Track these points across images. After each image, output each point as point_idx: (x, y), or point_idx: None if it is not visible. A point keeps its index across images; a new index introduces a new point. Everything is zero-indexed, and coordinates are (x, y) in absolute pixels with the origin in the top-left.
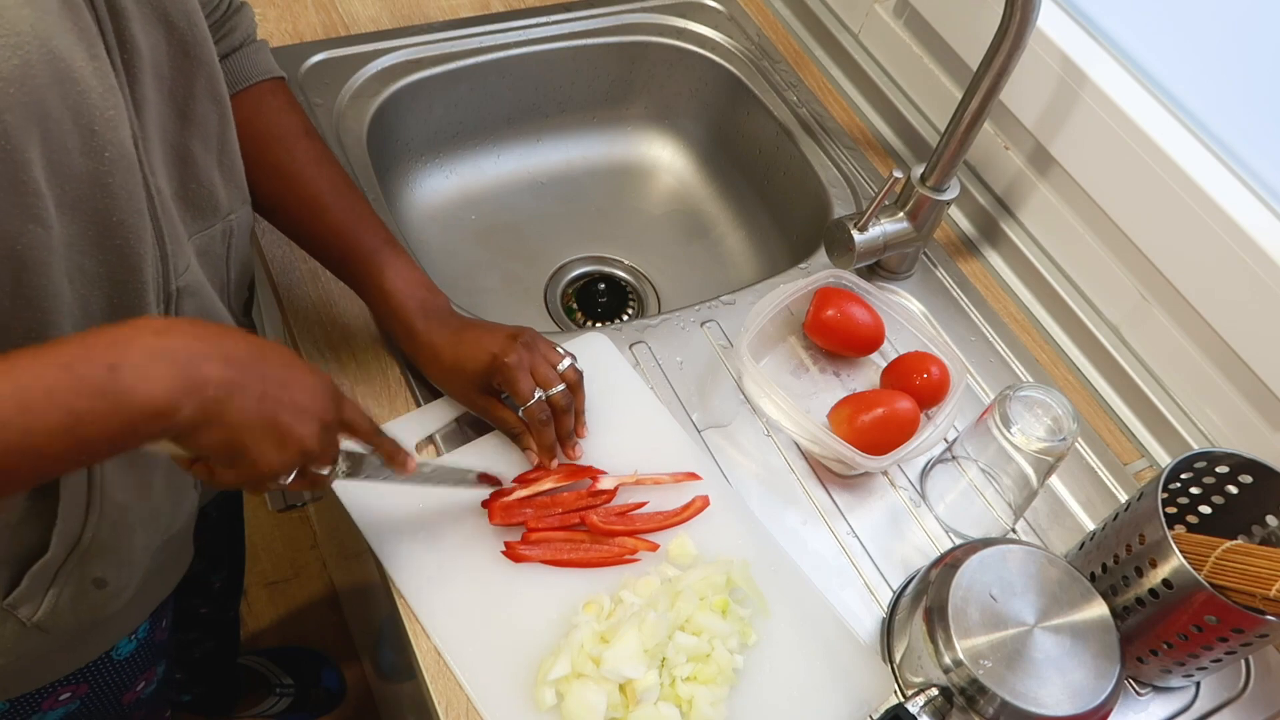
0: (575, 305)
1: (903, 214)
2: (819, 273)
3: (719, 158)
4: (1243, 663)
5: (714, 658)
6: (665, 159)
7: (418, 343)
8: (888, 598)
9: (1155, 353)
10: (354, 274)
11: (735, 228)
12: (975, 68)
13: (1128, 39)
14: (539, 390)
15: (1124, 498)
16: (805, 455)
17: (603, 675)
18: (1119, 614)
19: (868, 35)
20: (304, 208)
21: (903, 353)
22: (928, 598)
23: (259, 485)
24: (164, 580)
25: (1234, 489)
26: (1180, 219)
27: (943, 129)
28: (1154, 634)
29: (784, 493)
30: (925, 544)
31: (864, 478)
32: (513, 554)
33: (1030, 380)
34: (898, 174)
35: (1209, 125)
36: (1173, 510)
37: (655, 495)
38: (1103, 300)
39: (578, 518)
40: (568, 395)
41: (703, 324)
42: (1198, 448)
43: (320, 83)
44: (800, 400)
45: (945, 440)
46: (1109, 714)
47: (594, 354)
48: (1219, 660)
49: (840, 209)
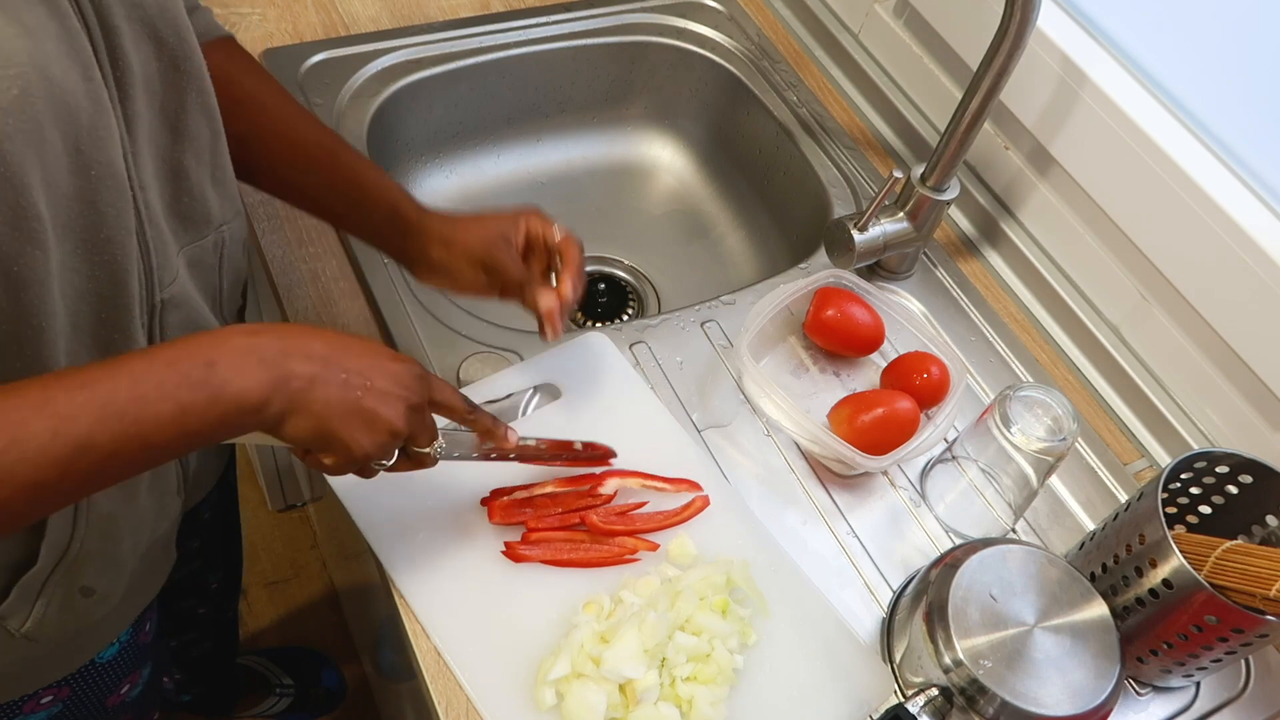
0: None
1: (903, 214)
2: (819, 273)
3: (719, 158)
4: (1243, 663)
5: (714, 658)
6: (665, 159)
7: (425, 221)
8: (888, 598)
9: (1155, 353)
10: (342, 183)
11: (735, 228)
12: (975, 68)
13: (1128, 39)
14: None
15: (1124, 498)
16: (805, 455)
17: (603, 675)
18: (1119, 614)
19: (868, 35)
20: (277, 138)
21: (903, 353)
22: (928, 598)
23: (363, 469)
24: (148, 585)
25: (1234, 489)
26: (1180, 219)
27: (943, 129)
28: (1154, 634)
29: (784, 493)
30: (925, 544)
31: (864, 478)
32: (513, 554)
33: (1030, 380)
34: (898, 174)
35: (1209, 125)
36: (1173, 510)
37: (655, 495)
38: (1103, 300)
39: (578, 517)
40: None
41: (703, 324)
42: (1198, 448)
43: (320, 83)
44: (800, 400)
45: (945, 440)
46: (1109, 714)
47: (594, 354)
48: (1219, 660)
49: (840, 209)
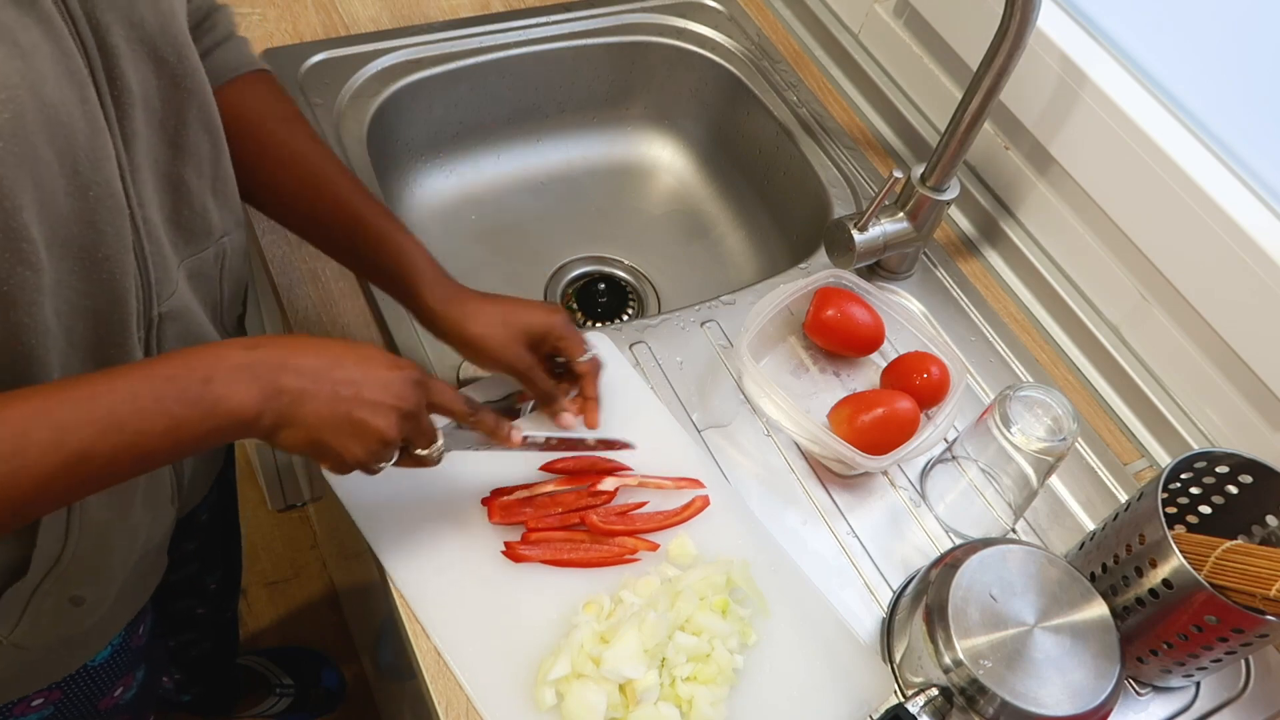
0: (575, 305)
1: (903, 214)
2: (819, 273)
3: (719, 158)
4: (1243, 663)
5: (714, 658)
6: (665, 159)
7: (462, 297)
8: (888, 598)
9: (1155, 353)
10: (367, 240)
11: (735, 228)
12: (975, 68)
13: (1128, 39)
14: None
15: (1124, 498)
16: (805, 455)
17: (603, 675)
18: (1119, 614)
19: (868, 35)
20: (305, 184)
21: (903, 353)
22: (928, 598)
23: (366, 471)
24: (139, 593)
25: (1234, 489)
26: (1180, 219)
27: (943, 129)
28: (1154, 634)
29: (784, 493)
30: (925, 544)
31: (864, 478)
32: (513, 554)
33: (1030, 380)
34: (898, 174)
35: (1209, 125)
36: (1173, 510)
37: (655, 495)
38: (1103, 300)
39: (578, 517)
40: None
41: (703, 324)
42: (1198, 448)
43: (320, 83)
44: (800, 400)
45: (945, 440)
46: (1109, 714)
47: None
48: (1219, 660)
49: (840, 209)
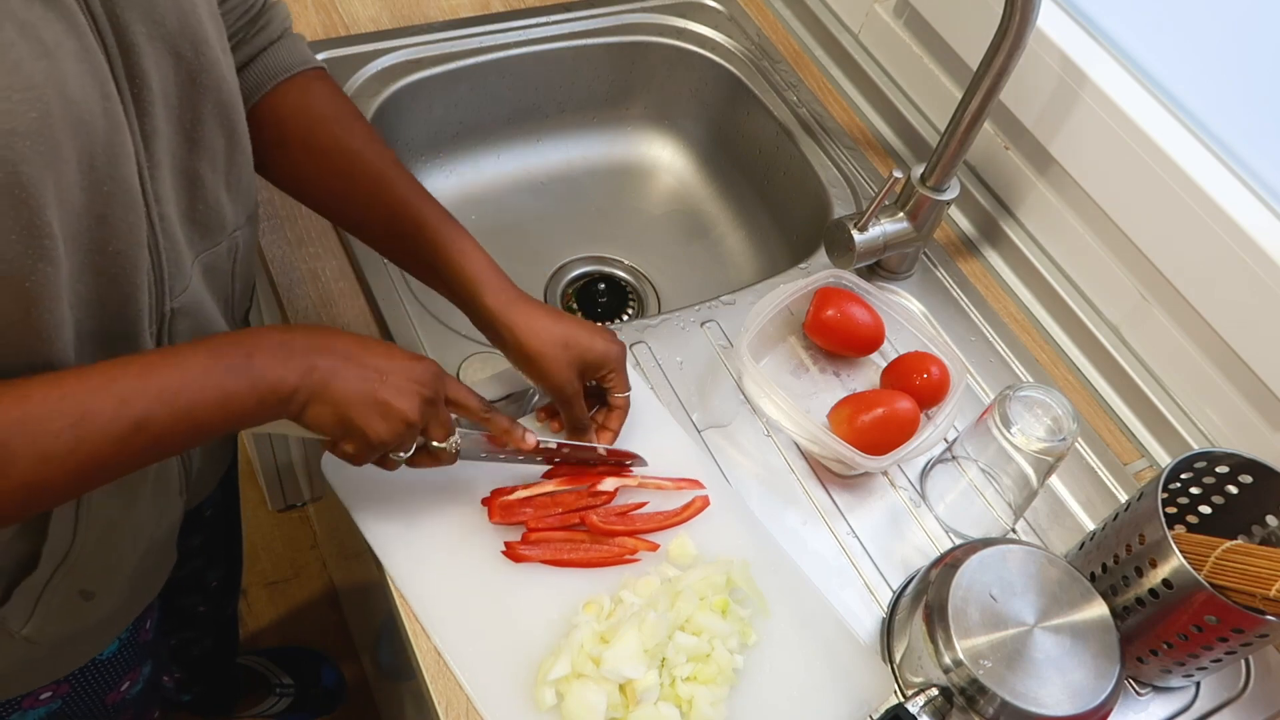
0: (575, 305)
1: (903, 214)
2: (819, 273)
3: (719, 158)
4: (1243, 663)
5: (714, 658)
6: (665, 159)
7: (525, 306)
8: (888, 598)
9: (1155, 353)
10: (427, 243)
11: (735, 228)
12: (975, 68)
13: (1128, 39)
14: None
15: (1124, 498)
16: (805, 455)
17: (603, 675)
18: (1119, 614)
19: (868, 35)
20: (366, 187)
21: (903, 353)
22: (928, 598)
23: (383, 459)
24: (148, 586)
25: (1234, 489)
26: (1180, 219)
27: (943, 129)
28: (1154, 634)
29: (784, 493)
30: (925, 544)
31: (864, 478)
32: (513, 554)
33: (1030, 380)
34: (898, 174)
35: (1209, 125)
36: (1173, 510)
37: (655, 495)
38: (1103, 300)
39: (578, 518)
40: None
41: (703, 324)
42: (1198, 448)
43: None
44: (800, 400)
45: (945, 440)
46: (1109, 714)
47: None
48: (1219, 660)
49: (840, 209)
